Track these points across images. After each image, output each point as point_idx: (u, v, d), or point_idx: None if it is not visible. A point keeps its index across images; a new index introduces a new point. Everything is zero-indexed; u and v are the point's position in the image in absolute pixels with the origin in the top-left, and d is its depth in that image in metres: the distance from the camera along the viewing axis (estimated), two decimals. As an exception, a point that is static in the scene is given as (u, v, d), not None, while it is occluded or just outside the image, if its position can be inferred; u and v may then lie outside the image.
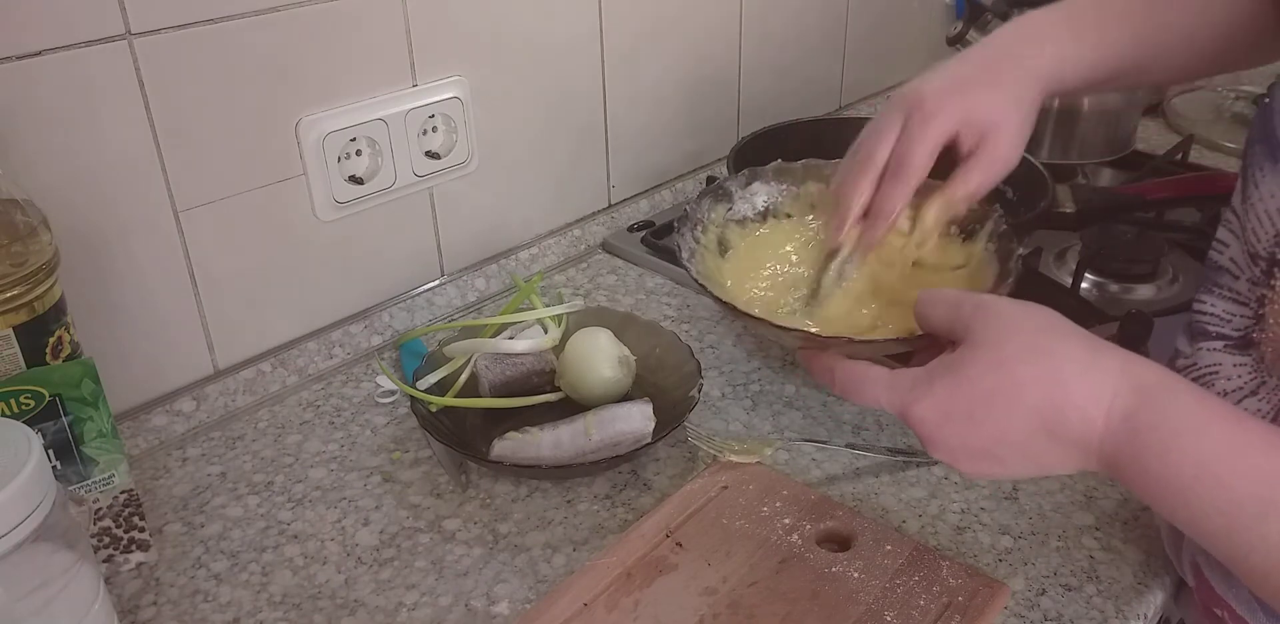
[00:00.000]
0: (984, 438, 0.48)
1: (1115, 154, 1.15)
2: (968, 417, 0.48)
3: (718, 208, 0.70)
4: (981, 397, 0.48)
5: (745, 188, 0.71)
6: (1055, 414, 0.47)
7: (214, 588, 0.65)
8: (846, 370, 0.54)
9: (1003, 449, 0.48)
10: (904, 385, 0.50)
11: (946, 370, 0.49)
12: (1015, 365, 0.48)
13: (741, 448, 0.74)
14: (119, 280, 0.73)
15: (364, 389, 0.85)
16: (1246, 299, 0.55)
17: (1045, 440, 0.47)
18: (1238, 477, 0.43)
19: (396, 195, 0.87)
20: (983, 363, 0.48)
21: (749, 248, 0.70)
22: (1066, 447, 0.47)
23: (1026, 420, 0.47)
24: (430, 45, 0.85)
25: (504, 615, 0.63)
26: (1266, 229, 0.52)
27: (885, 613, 0.60)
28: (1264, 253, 0.52)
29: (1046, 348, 0.48)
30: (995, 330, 0.49)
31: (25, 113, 0.65)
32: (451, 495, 0.72)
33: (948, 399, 0.49)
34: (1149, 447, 0.45)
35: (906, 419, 0.50)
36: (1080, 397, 0.46)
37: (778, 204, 0.71)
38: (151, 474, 0.75)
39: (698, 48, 1.10)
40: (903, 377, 0.51)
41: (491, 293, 0.98)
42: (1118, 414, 0.46)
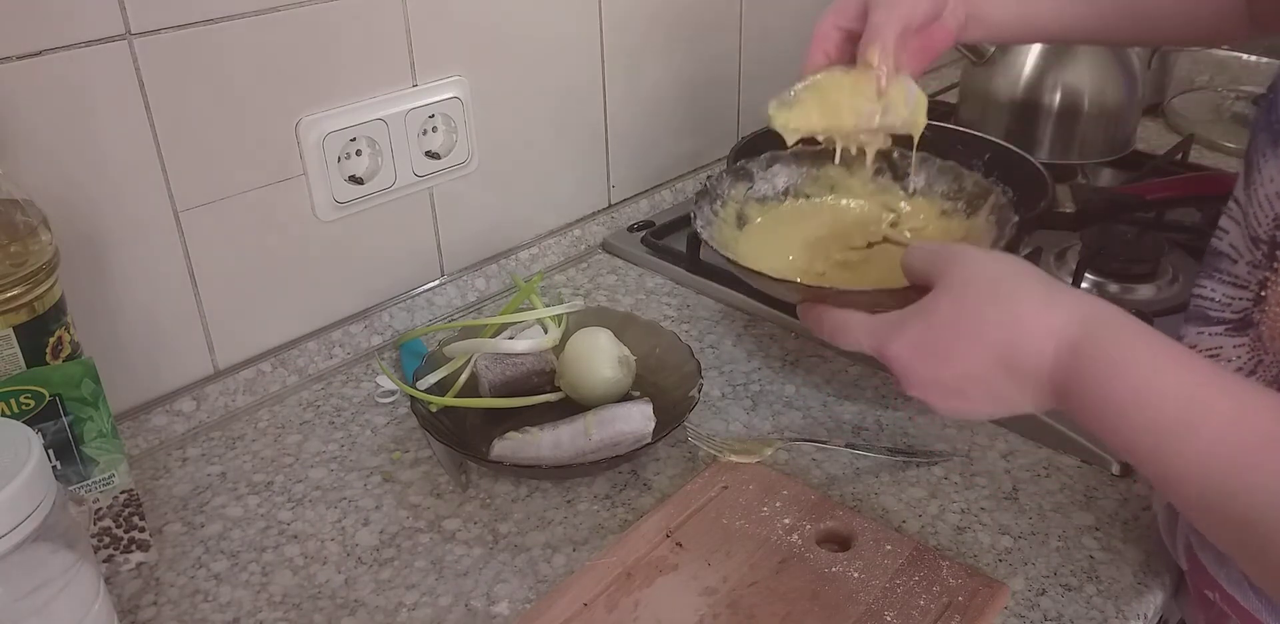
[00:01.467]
0: (951, 374, 0.52)
1: (1115, 154, 1.15)
2: (935, 353, 0.52)
3: (738, 186, 0.74)
4: (948, 334, 0.52)
5: (767, 169, 0.74)
6: (1012, 349, 0.50)
7: (214, 588, 0.65)
8: (832, 316, 0.58)
9: (968, 384, 0.52)
10: (881, 327, 0.55)
11: (918, 312, 0.53)
12: (979, 305, 0.51)
13: (741, 448, 0.74)
14: (119, 280, 0.73)
15: (364, 389, 0.85)
16: (1246, 282, 0.56)
17: (1004, 375, 0.51)
18: (1166, 399, 0.46)
19: (396, 195, 0.87)
20: (950, 303, 0.52)
21: (767, 221, 0.74)
22: (1023, 381, 0.50)
23: (987, 356, 0.51)
24: (430, 45, 0.85)
25: (504, 615, 0.63)
26: (1266, 213, 0.53)
27: (885, 613, 0.60)
28: (1264, 236, 0.54)
29: (1008, 289, 0.51)
30: (964, 274, 0.53)
31: (25, 113, 0.65)
32: (451, 495, 0.72)
33: (918, 337, 0.53)
34: (1091, 375, 0.48)
35: (883, 357, 0.54)
36: (1034, 332, 0.50)
37: (798, 185, 0.75)
38: (151, 474, 0.75)
39: (698, 48, 1.10)
40: (881, 320, 0.55)
41: (491, 293, 0.98)
42: (1065, 347, 0.49)
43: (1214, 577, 0.60)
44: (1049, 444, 0.76)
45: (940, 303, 0.53)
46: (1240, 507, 0.43)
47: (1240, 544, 0.45)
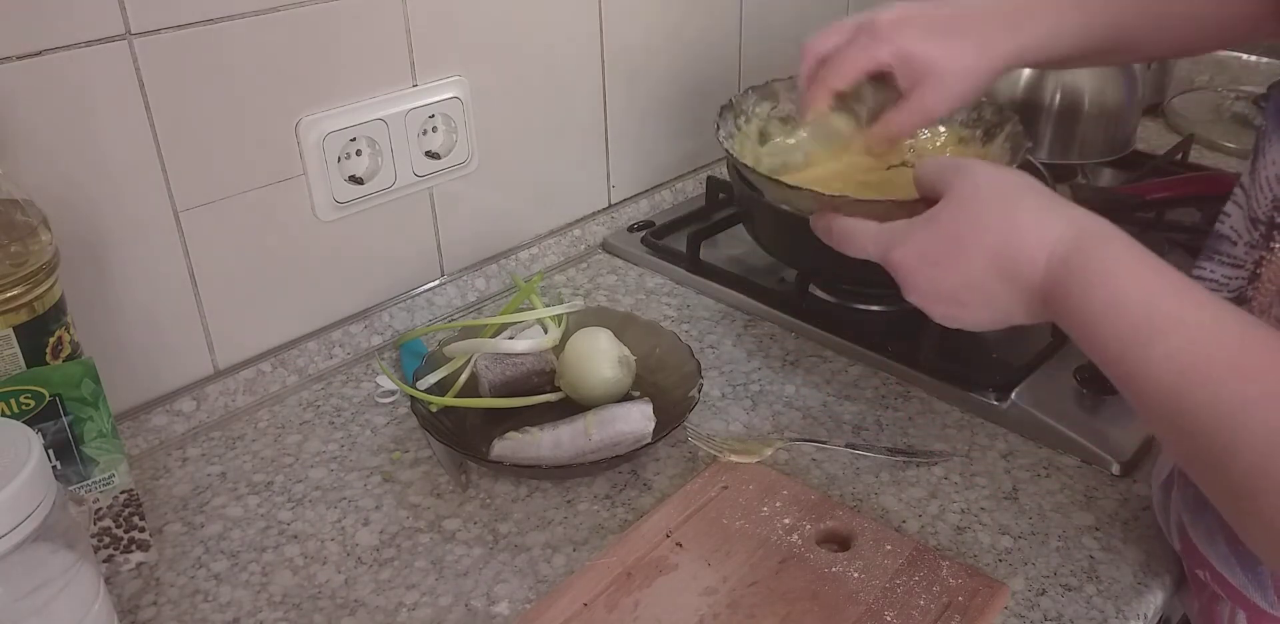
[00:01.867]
0: (950, 280, 0.54)
1: (1115, 154, 1.15)
2: (937, 260, 0.54)
3: (763, 104, 0.77)
4: (950, 240, 0.54)
5: (792, 91, 0.77)
6: (1008, 256, 0.52)
7: (214, 588, 0.65)
8: (841, 223, 0.60)
9: (965, 291, 0.54)
10: (886, 234, 0.57)
11: (923, 220, 0.55)
12: (980, 214, 0.54)
13: (741, 448, 0.74)
14: (119, 280, 0.73)
15: (364, 389, 0.85)
16: (1243, 262, 0.58)
17: (1000, 282, 0.53)
18: (1137, 307, 0.48)
19: (396, 195, 0.87)
20: (954, 212, 0.54)
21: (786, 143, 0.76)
22: (1017, 289, 0.52)
23: (985, 261, 0.53)
24: (430, 45, 0.85)
25: (504, 615, 0.63)
26: (1266, 194, 0.54)
27: (885, 613, 0.60)
28: (1263, 217, 0.55)
29: (1010, 200, 0.53)
30: (969, 185, 0.54)
31: (25, 113, 0.65)
32: (451, 495, 0.72)
33: (922, 243, 0.55)
34: (1075, 285, 0.50)
35: (887, 263, 0.57)
36: (1030, 240, 0.51)
37: None
38: (151, 474, 0.75)
39: (698, 47, 1.10)
40: (887, 228, 0.57)
41: (491, 293, 0.98)
42: (1057, 257, 0.51)
43: (1205, 555, 0.60)
44: (1049, 444, 0.76)
45: (944, 212, 0.54)
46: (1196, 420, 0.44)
47: (1193, 457, 0.46)
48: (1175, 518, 0.63)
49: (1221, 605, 0.61)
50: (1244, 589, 0.58)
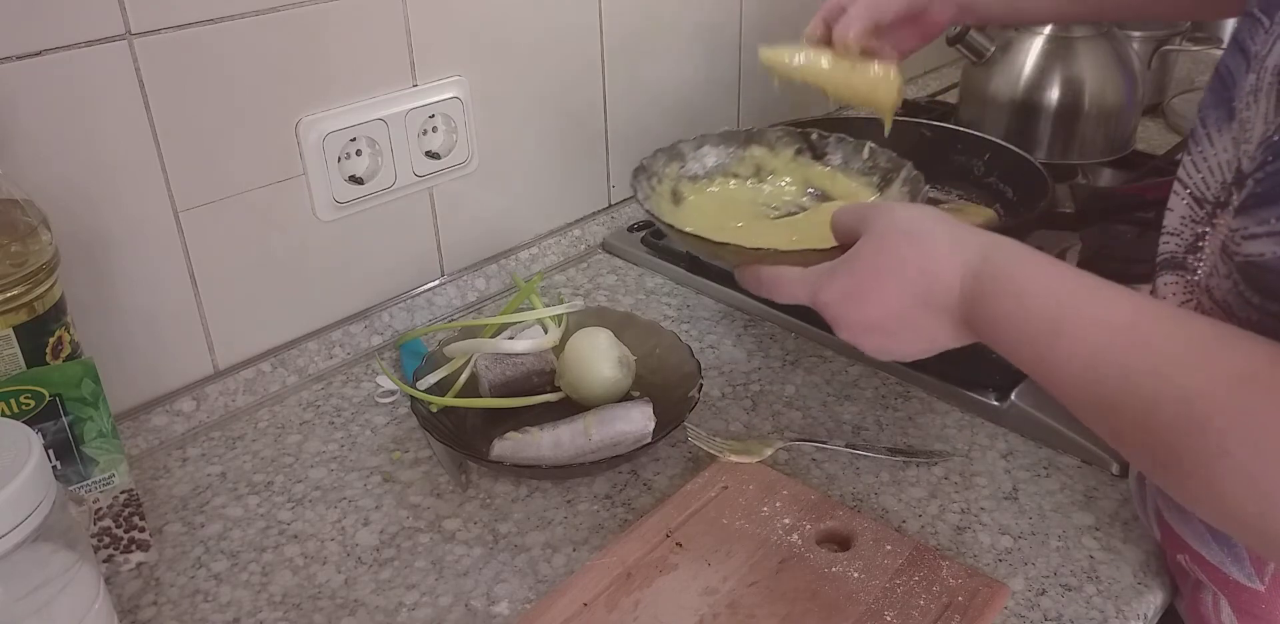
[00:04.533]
0: (876, 313, 0.57)
1: (1115, 154, 1.15)
2: (862, 297, 0.57)
3: (671, 165, 0.81)
4: (870, 277, 0.57)
5: (697, 150, 0.82)
6: (926, 283, 0.55)
7: (214, 588, 0.65)
8: (768, 273, 0.64)
9: (894, 324, 0.57)
10: (812, 278, 0.60)
11: (844, 260, 0.58)
12: (896, 248, 0.56)
13: (741, 448, 0.74)
14: (119, 280, 0.73)
15: (364, 389, 0.85)
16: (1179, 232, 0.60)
17: (922, 309, 0.55)
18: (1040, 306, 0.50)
19: (396, 195, 0.87)
20: (872, 250, 0.57)
21: (699, 201, 0.81)
22: (938, 312, 0.55)
23: (906, 293, 0.55)
24: (430, 45, 0.85)
25: (504, 615, 0.63)
26: (1214, 178, 0.56)
27: (885, 613, 0.60)
28: (1210, 197, 0.57)
29: (923, 231, 0.56)
30: (883, 223, 0.58)
31: (25, 113, 0.65)
32: (451, 495, 0.72)
33: (845, 280, 0.58)
34: (987, 295, 0.53)
35: (815, 304, 0.60)
36: (945, 264, 0.54)
37: (726, 164, 0.83)
38: (151, 474, 0.75)
39: (698, 47, 1.10)
40: (812, 271, 0.60)
41: (491, 293, 0.98)
42: (970, 274, 0.53)
43: (1182, 537, 0.61)
44: (1049, 444, 0.76)
45: (863, 249, 0.58)
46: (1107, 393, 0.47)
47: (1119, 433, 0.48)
48: (1152, 505, 0.64)
49: (1205, 594, 0.61)
50: (1222, 566, 0.58)
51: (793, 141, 0.83)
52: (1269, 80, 0.50)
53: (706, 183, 0.82)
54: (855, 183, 0.82)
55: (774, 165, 0.84)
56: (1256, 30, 0.54)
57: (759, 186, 0.83)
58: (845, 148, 0.82)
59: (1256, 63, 0.53)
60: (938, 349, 0.58)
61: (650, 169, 0.79)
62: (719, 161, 0.84)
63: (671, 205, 0.79)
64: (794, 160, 0.84)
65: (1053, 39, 1.13)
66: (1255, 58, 0.53)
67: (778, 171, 0.83)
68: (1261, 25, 0.54)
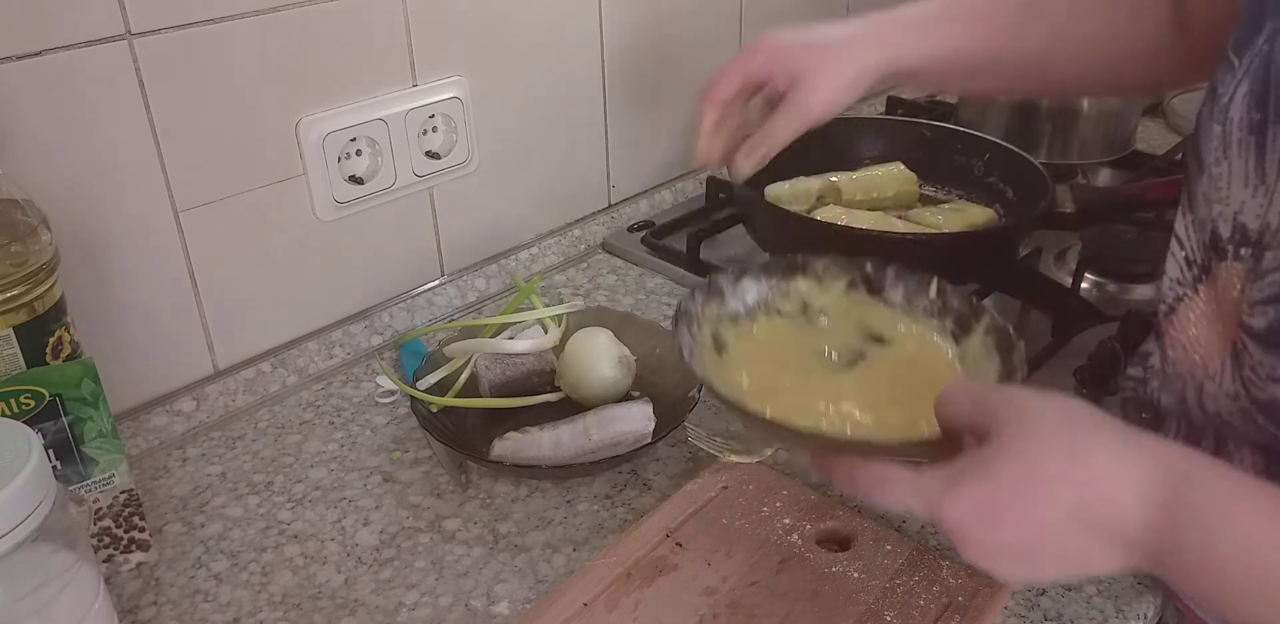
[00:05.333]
0: (1018, 536, 0.46)
1: (1115, 154, 1.15)
2: (999, 514, 0.46)
3: (710, 304, 0.66)
4: (1011, 493, 0.46)
5: (736, 284, 0.68)
6: (1088, 508, 0.45)
7: (214, 588, 0.65)
8: (869, 473, 0.50)
9: (1038, 548, 0.46)
10: (932, 486, 0.48)
11: (974, 467, 0.47)
12: (1044, 459, 0.46)
13: (741, 448, 0.74)
14: (119, 280, 0.73)
15: (364, 389, 0.85)
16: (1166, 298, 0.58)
17: (1081, 536, 0.45)
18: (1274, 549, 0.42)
19: (396, 195, 0.87)
20: (1011, 457, 0.46)
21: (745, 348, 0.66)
22: (1103, 542, 0.45)
23: (1059, 515, 0.45)
24: (430, 45, 0.85)
25: (504, 615, 0.63)
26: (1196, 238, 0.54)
27: (885, 613, 0.60)
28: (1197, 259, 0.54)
29: (1077, 440, 0.46)
30: (1022, 423, 0.47)
31: (25, 113, 0.65)
32: (451, 495, 0.72)
33: (977, 497, 0.46)
34: (1190, 536, 0.43)
35: (938, 520, 0.47)
36: (1112, 488, 0.45)
37: (769, 300, 0.68)
38: (151, 474, 0.75)
39: (698, 47, 1.10)
40: (929, 477, 0.48)
41: (491, 293, 0.98)
42: (1154, 504, 0.44)
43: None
44: (1049, 444, 0.76)
45: (998, 457, 0.46)
46: None
47: None
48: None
49: None
50: None
51: (843, 273, 0.68)
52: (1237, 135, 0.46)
53: (749, 322, 0.67)
54: (921, 326, 0.66)
55: (823, 302, 0.68)
56: (1226, 74, 0.51)
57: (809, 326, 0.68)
58: (907, 283, 0.67)
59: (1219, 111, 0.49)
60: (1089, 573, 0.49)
61: (690, 313, 0.65)
62: (760, 296, 0.69)
63: (715, 355, 0.65)
64: (846, 295, 0.68)
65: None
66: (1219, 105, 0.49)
67: (827, 309, 0.68)
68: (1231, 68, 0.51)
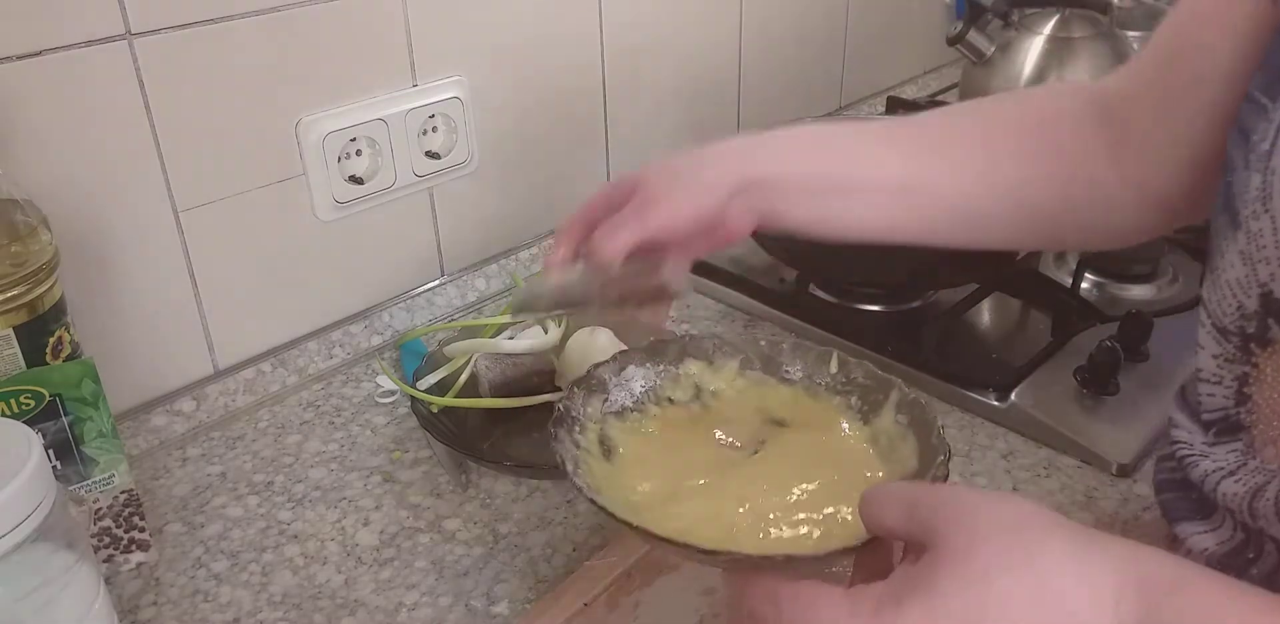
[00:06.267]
0: None
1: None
2: None
3: (592, 402, 0.59)
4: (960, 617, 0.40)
5: (619, 373, 0.61)
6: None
7: (214, 588, 0.65)
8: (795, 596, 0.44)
9: None
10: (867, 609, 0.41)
11: (915, 587, 0.41)
12: (996, 576, 0.40)
13: (741, 448, 0.73)
14: (119, 280, 0.73)
15: (364, 389, 0.85)
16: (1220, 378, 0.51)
17: None
18: None
19: (396, 195, 0.87)
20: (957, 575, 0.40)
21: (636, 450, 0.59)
22: None
23: None
24: (430, 45, 0.85)
25: (504, 615, 0.63)
26: (1230, 302, 0.48)
27: (885, 613, 0.60)
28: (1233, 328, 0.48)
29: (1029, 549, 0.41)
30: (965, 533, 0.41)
31: (25, 113, 0.65)
32: (451, 495, 0.72)
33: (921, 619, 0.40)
34: None
35: None
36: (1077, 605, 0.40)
37: (658, 387, 0.62)
38: (151, 474, 0.75)
39: (698, 47, 1.10)
40: (863, 597, 0.42)
41: (491, 293, 0.98)
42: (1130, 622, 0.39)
43: None
44: (1049, 444, 0.76)
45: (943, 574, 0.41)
46: None
47: None
48: None
49: None
50: None
51: (735, 352, 0.62)
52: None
53: (639, 416, 0.60)
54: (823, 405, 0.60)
55: (716, 385, 0.62)
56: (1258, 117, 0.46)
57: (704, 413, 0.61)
58: (806, 358, 0.61)
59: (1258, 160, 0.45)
60: None
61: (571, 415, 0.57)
62: (648, 385, 0.62)
63: (604, 462, 0.57)
64: (740, 376, 0.62)
65: (1052, 39, 1.13)
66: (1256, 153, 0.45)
67: (721, 393, 0.61)
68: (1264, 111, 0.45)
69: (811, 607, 0.43)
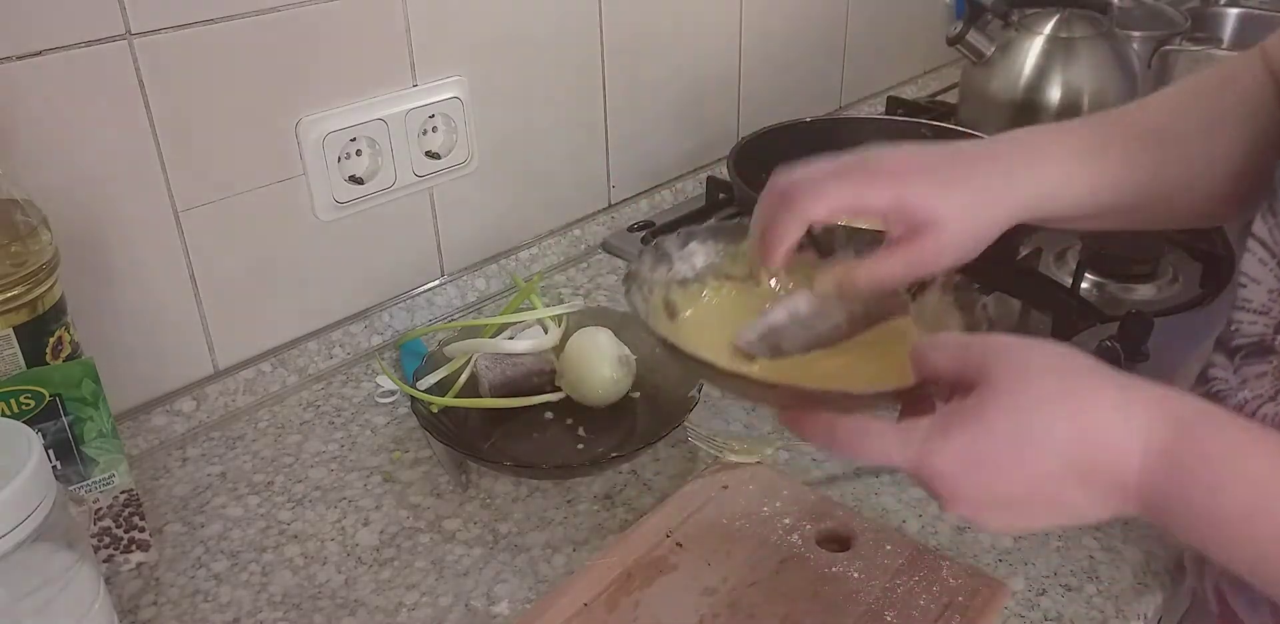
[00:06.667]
0: (1010, 487, 0.44)
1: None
2: (992, 465, 0.44)
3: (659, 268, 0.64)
4: (1005, 443, 0.44)
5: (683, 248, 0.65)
6: (1087, 456, 0.43)
7: (214, 588, 0.65)
8: (847, 427, 0.48)
9: (1030, 499, 0.45)
10: (916, 438, 0.45)
11: (963, 418, 0.45)
12: (1040, 407, 0.44)
13: (742, 448, 0.74)
14: (119, 280, 0.73)
15: (364, 389, 0.85)
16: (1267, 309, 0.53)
17: (1076, 485, 0.44)
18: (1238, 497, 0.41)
19: (396, 195, 0.87)
20: (1004, 407, 0.44)
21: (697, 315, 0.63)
22: (1100, 490, 0.44)
23: (1056, 465, 0.44)
24: (430, 45, 0.85)
25: (504, 615, 0.63)
26: None
27: (885, 613, 0.60)
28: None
29: (1072, 386, 0.45)
30: (1014, 371, 0.45)
31: (25, 113, 0.65)
32: (451, 495, 0.72)
33: (968, 448, 0.44)
34: (1194, 482, 0.42)
35: (922, 474, 0.45)
36: (1113, 435, 0.43)
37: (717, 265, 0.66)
38: (151, 474, 0.75)
39: (698, 47, 1.10)
40: (913, 429, 0.46)
41: (491, 293, 0.98)
42: (1155, 450, 0.43)
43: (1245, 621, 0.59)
44: (1049, 444, 0.76)
45: (990, 407, 0.44)
46: None
47: None
48: (1212, 583, 0.62)
49: None
50: None
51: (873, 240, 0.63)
52: None
53: (699, 288, 0.65)
54: None
55: None
56: None
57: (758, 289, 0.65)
58: (858, 242, 0.62)
59: None
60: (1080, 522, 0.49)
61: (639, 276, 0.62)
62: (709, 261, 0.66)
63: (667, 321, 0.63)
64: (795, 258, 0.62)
65: (1052, 39, 1.13)
66: None
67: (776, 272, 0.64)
68: None
69: (864, 436, 0.47)
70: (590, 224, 1.06)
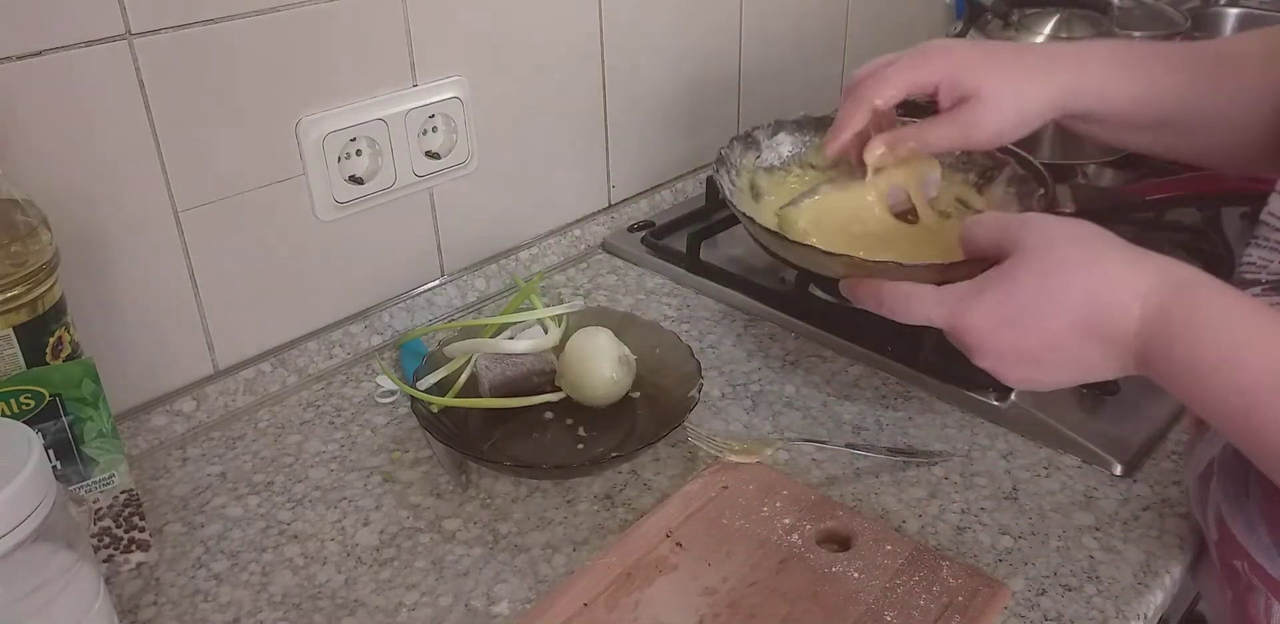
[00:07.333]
0: (1031, 341, 0.51)
1: (1115, 154, 1.15)
2: (1016, 321, 0.51)
3: (748, 155, 0.74)
4: (1029, 301, 0.51)
5: (772, 137, 0.75)
6: (1097, 312, 0.49)
7: (214, 588, 0.65)
8: (893, 290, 0.56)
9: (1047, 352, 0.51)
10: (952, 298, 0.53)
11: (995, 280, 0.52)
12: (1062, 269, 0.51)
13: (741, 448, 0.74)
14: (119, 280, 0.73)
15: (364, 389, 0.85)
16: None
17: (1087, 339, 0.50)
18: (1261, 357, 0.46)
19: (396, 195, 0.87)
20: (1032, 270, 0.51)
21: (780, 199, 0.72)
22: (1106, 345, 0.50)
23: (1071, 320, 0.50)
24: (430, 45, 0.85)
25: (504, 615, 0.63)
26: None
27: (885, 613, 0.60)
28: None
29: (1093, 253, 0.51)
30: (1043, 240, 0.52)
31: (25, 113, 0.65)
32: (451, 495, 0.72)
33: (997, 306, 0.51)
34: (1179, 336, 0.48)
35: (956, 329, 0.53)
36: (1120, 294, 0.49)
37: (802, 154, 0.75)
38: (151, 474, 0.75)
39: (698, 48, 1.10)
40: (950, 290, 0.53)
41: (491, 293, 0.98)
42: (1152, 308, 0.48)
43: (1244, 545, 0.60)
44: (1049, 444, 0.76)
45: (1019, 268, 0.52)
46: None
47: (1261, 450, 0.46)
48: (1214, 509, 0.63)
49: (1256, 596, 0.60)
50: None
51: None
52: None
53: (784, 174, 0.74)
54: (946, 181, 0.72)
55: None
56: None
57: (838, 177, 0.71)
58: None
59: None
60: (1091, 379, 0.53)
61: (728, 160, 0.72)
62: (795, 151, 0.75)
63: (752, 202, 0.72)
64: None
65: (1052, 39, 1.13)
66: None
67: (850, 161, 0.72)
68: None
69: (906, 298, 0.56)
70: (590, 224, 1.06)
